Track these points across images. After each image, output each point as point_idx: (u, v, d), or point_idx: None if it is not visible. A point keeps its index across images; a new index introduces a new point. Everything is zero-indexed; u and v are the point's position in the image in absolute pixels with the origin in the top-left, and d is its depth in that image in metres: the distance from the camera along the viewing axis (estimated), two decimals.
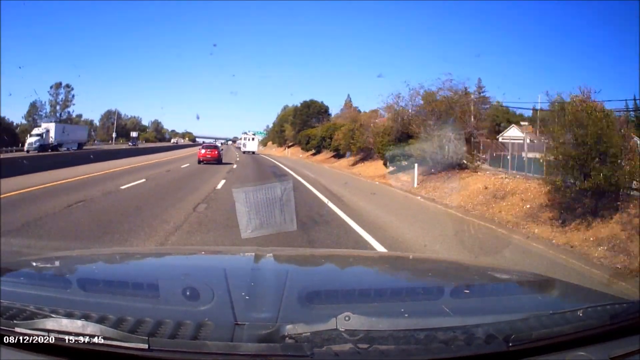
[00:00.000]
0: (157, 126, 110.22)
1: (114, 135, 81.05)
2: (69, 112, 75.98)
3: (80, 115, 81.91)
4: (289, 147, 67.38)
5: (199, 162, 28.75)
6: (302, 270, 2.36)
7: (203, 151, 30.13)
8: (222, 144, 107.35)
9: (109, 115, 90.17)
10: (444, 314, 1.45)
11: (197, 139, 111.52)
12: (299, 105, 66.25)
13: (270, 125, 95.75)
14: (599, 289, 2.75)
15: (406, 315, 1.42)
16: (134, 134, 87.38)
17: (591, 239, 8.60)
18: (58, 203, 10.11)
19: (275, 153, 69.74)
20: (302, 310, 1.53)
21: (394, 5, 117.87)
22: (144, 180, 16.34)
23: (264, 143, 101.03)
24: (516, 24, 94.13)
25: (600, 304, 1.51)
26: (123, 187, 13.84)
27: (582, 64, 73.82)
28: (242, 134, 66.22)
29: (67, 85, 75.42)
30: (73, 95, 75.71)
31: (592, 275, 6.63)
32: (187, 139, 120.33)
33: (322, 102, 64.20)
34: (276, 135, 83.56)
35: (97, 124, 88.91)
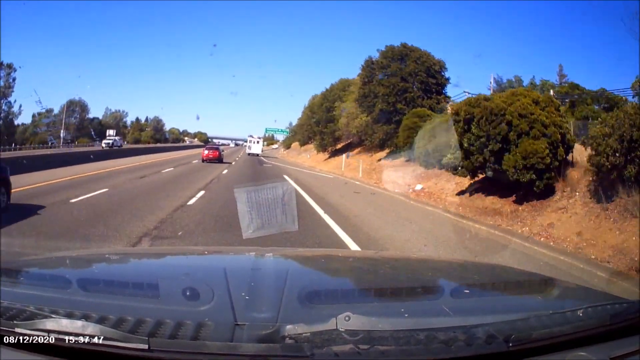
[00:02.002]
0: (157, 124, 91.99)
1: (61, 134, 55.12)
2: (9, 103, 52.43)
3: (51, 110, 61.60)
4: (341, 152, 33.47)
5: (203, 161, 31.65)
6: (302, 270, 2.35)
7: (206, 152, 33.38)
8: (236, 144, 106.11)
9: (70, 106, 62.87)
10: (444, 314, 1.45)
11: (213, 140, 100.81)
12: (376, 56, 29.08)
13: (295, 122, 67.34)
14: None
15: (406, 315, 1.42)
16: (110, 132, 62.34)
17: None
18: None
19: (313, 164, 36.17)
20: (302, 310, 1.53)
21: (394, 5, 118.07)
22: None
23: (286, 144, 74.69)
24: (516, 24, 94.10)
25: (600, 304, 1.51)
26: None
27: (583, 64, 73.78)
28: (248, 137, 57.70)
29: (9, 66, 50.87)
30: (14, 79, 52.04)
31: None
32: (197, 139, 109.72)
33: (428, 52, 28.10)
34: (310, 130, 46.34)
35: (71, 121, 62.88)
